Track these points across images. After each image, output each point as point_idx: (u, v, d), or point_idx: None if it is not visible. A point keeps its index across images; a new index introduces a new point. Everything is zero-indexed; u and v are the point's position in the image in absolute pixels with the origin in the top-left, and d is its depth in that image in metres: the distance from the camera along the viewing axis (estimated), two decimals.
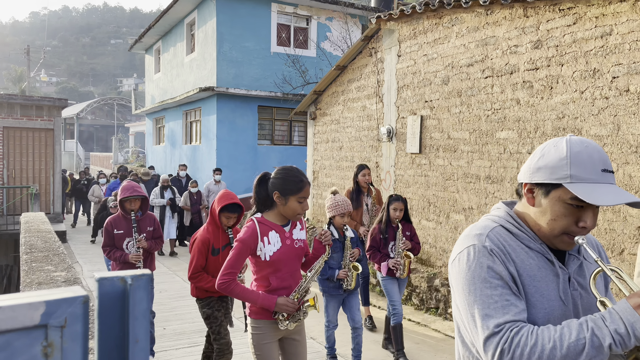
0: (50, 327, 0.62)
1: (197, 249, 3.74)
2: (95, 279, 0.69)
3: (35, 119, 13.25)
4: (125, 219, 4.60)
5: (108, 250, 4.60)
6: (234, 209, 3.77)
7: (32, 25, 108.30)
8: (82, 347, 0.64)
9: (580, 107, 4.77)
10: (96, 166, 33.26)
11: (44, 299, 0.61)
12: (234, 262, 2.69)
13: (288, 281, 2.80)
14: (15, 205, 12.74)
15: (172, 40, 17.24)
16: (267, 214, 2.78)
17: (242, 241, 2.68)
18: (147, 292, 0.72)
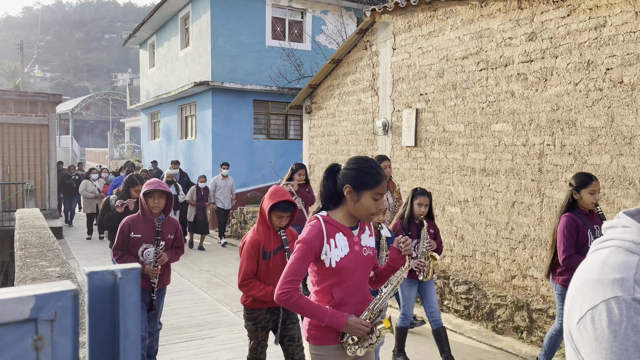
0: (40, 321, 0.62)
1: (247, 252, 3.35)
2: (85, 273, 0.70)
3: (30, 114, 13.19)
4: (145, 221, 3.98)
5: (119, 255, 3.96)
6: (287, 207, 3.34)
7: (26, 20, 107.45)
8: (73, 340, 0.65)
9: (575, 99, 4.78)
10: (92, 162, 33.15)
11: (33, 293, 0.62)
12: (297, 267, 2.24)
13: (354, 296, 2.36)
14: (11, 201, 12.70)
15: (166, 34, 17.15)
16: (333, 212, 2.37)
17: (306, 242, 2.26)
18: (137, 285, 0.72)
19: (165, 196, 3.99)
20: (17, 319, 0.61)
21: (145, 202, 3.93)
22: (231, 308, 6.38)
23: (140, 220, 4.02)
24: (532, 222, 5.28)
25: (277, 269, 3.30)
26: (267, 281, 3.36)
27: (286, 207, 3.35)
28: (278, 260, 3.38)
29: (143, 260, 3.99)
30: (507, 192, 5.58)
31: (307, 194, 7.02)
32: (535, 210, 5.25)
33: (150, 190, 3.90)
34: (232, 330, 5.56)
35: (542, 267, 5.19)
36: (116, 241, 3.99)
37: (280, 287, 2.24)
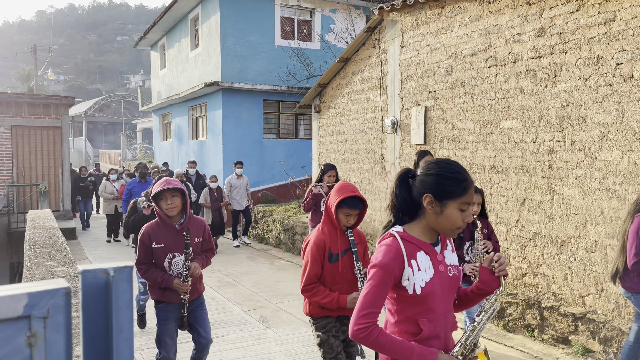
0: (34, 318, 0.64)
1: (311, 254, 3.03)
2: (78, 272, 0.71)
3: (43, 117, 13.37)
4: (165, 227, 3.49)
5: (144, 269, 3.48)
6: (355, 203, 3.04)
7: (39, 23, 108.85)
8: (66, 337, 0.66)
9: (584, 94, 4.74)
10: (105, 163, 33.50)
11: (26, 291, 0.63)
12: (374, 296, 1.86)
13: (442, 325, 1.98)
14: (25, 203, 12.89)
15: (176, 36, 17.27)
16: (410, 227, 1.98)
17: (383, 266, 1.87)
18: (130, 283, 0.74)
19: (178, 194, 3.48)
20: (11, 316, 0.62)
21: (158, 207, 3.45)
22: (242, 307, 6.42)
23: (159, 228, 3.50)
24: (542, 219, 5.24)
25: (345, 273, 3.09)
26: (333, 287, 3.06)
27: (355, 203, 3.04)
28: (346, 263, 3.09)
29: (172, 272, 3.49)
30: (517, 189, 5.54)
31: None
32: (545, 207, 5.21)
33: (159, 192, 3.39)
34: (242, 329, 5.59)
35: (552, 264, 5.15)
36: (138, 254, 3.52)
37: (356, 321, 1.85)
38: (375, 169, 8.21)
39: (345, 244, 3.11)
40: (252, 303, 6.60)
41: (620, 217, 4.47)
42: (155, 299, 3.62)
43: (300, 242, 9.66)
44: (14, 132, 13.12)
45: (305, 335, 5.36)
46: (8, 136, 13.02)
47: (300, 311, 6.19)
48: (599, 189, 4.66)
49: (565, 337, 4.86)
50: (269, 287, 7.36)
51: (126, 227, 5.27)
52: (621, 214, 4.45)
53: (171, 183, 3.44)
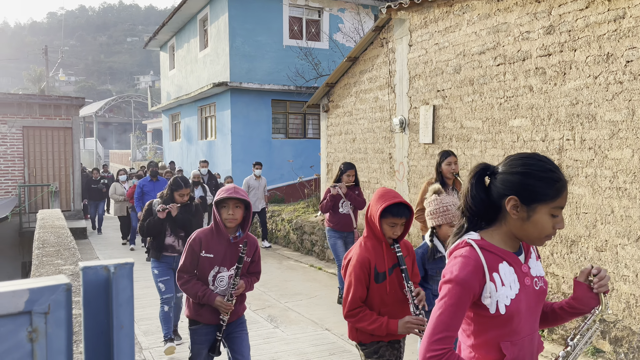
0: (35, 314, 0.65)
1: (354, 275, 2.67)
2: (79, 268, 0.72)
3: (54, 118, 13.50)
4: (218, 237, 3.15)
5: (185, 279, 3.15)
6: (401, 211, 2.66)
7: (50, 25, 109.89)
8: (66, 332, 0.67)
9: (594, 92, 4.69)
10: (115, 163, 33.75)
11: (27, 287, 0.64)
12: (450, 317, 1.57)
13: (527, 349, 1.69)
14: (37, 203, 13.02)
15: (185, 36, 17.36)
16: (488, 233, 1.69)
17: (460, 282, 1.58)
18: (131, 280, 0.74)
19: (242, 206, 3.14)
20: (12, 311, 0.63)
21: (218, 214, 3.11)
22: (250, 306, 6.43)
23: (213, 236, 3.16)
24: None
25: (394, 294, 2.73)
26: (382, 310, 2.71)
27: (400, 211, 2.66)
28: (394, 282, 2.72)
29: (214, 288, 3.15)
30: None
31: (357, 197, 6.23)
32: None
33: (224, 198, 3.07)
34: (251, 328, 5.58)
35: (562, 263, 5.11)
36: (183, 261, 3.17)
37: (428, 347, 1.56)
38: (383, 169, 8.19)
39: (392, 260, 2.73)
40: (261, 302, 6.61)
41: (630, 215, 4.42)
42: (189, 318, 3.29)
43: (309, 241, 9.67)
44: (26, 133, 13.26)
45: (314, 335, 5.37)
46: (20, 137, 13.17)
47: (309, 310, 6.20)
48: (609, 188, 4.61)
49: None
50: (277, 287, 7.37)
51: (141, 231, 4.87)
52: (632, 212, 4.41)
53: (239, 192, 3.12)
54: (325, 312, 6.18)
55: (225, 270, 3.17)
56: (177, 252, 4.89)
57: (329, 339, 5.24)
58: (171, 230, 4.84)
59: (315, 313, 6.11)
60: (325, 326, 5.63)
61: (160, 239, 4.85)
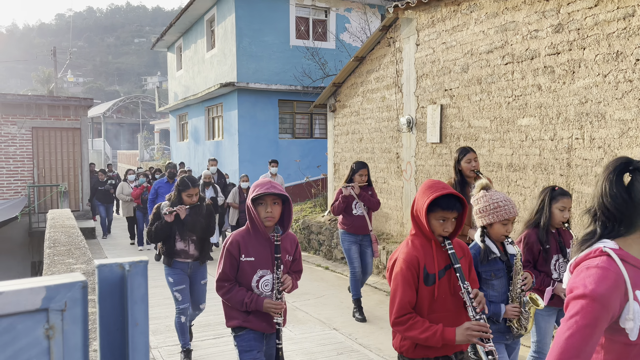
0: (51, 311, 0.65)
1: (401, 276, 2.36)
2: (95, 266, 0.73)
3: (63, 118, 13.59)
4: (257, 238, 2.88)
5: (227, 287, 2.85)
6: (451, 203, 2.36)
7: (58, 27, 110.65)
8: (82, 329, 0.68)
9: (604, 91, 4.66)
10: (123, 163, 33.92)
11: (44, 284, 0.65)
12: (583, 342, 1.32)
13: None
14: (46, 203, 13.12)
15: (192, 37, 17.42)
16: (625, 242, 1.43)
17: (597, 298, 1.33)
18: (145, 277, 0.75)
19: (280, 202, 2.87)
20: (29, 308, 0.64)
21: (255, 212, 2.83)
22: None
23: (251, 237, 2.89)
24: None
25: (443, 300, 2.40)
26: (431, 316, 2.37)
27: (450, 203, 2.35)
28: (445, 286, 2.40)
29: (259, 293, 2.87)
30: (535, 187, 5.47)
31: (371, 198, 5.89)
32: None
33: (260, 194, 2.78)
34: None
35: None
36: (222, 268, 2.86)
37: None
38: (390, 168, 8.18)
39: (443, 260, 2.41)
40: None
41: None
42: (234, 326, 2.96)
43: (316, 241, 9.68)
44: (35, 134, 13.36)
45: (321, 335, 5.37)
46: (29, 137, 13.27)
47: (317, 310, 6.20)
48: None
49: None
50: None
51: (149, 236, 4.57)
52: None
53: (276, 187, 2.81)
54: (333, 311, 6.18)
55: (269, 273, 2.88)
56: (190, 257, 4.57)
57: (336, 339, 5.24)
58: (180, 235, 4.51)
59: (323, 313, 6.11)
60: (333, 326, 5.64)
61: (170, 244, 4.52)
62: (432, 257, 2.40)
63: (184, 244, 4.53)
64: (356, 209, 5.87)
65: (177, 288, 4.55)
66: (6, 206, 11.83)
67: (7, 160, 13.11)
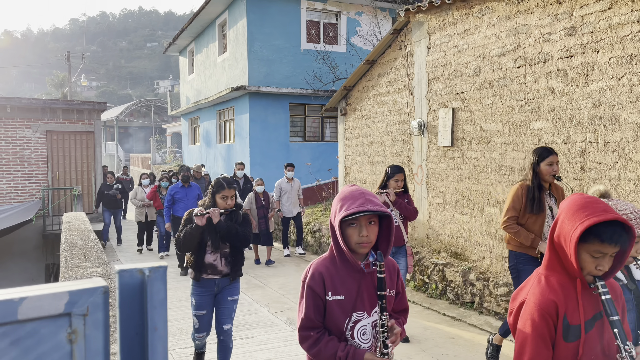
0: (74, 315, 0.67)
1: (533, 327, 1.77)
2: (115, 271, 0.74)
3: (77, 122, 13.75)
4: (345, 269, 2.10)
5: (314, 338, 2.08)
6: (616, 234, 1.67)
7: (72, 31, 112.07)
8: (104, 333, 0.69)
9: (618, 94, 4.62)
10: (136, 167, 34.20)
11: (67, 290, 0.66)
12: None
13: None
14: (60, 206, 13.27)
15: (204, 41, 17.54)
16: None
17: None
18: (164, 283, 0.76)
19: (376, 220, 2.05)
20: (53, 313, 0.65)
21: (341, 236, 2.03)
22: (269, 309, 6.46)
23: (338, 268, 2.09)
24: None
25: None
26: None
27: (616, 234, 1.66)
28: (595, 341, 1.76)
29: (356, 345, 2.07)
30: None
31: (408, 206, 5.29)
32: None
33: (353, 214, 1.97)
34: (270, 331, 5.63)
35: None
36: (304, 312, 2.09)
37: None
38: None
39: (592, 307, 1.77)
40: (279, 305, 6.64)
41: None
42: None
43: (327, 244, 9.67)
44: (49, 137, 13.53)
45: None
46: (43, 141, 13.44)
47: None
48: (633, 191, 4.53)
49: None
50: (295, 290, 7.39)
51: (178, 244, 3.95)
52: None
53: (372, 201, 1.99)
54: None
55: (366, 317, 2.09)
56: (218, 274, 3.97)
57: None
58: (212, 244, 3.91)
59: None
60: None
61: (199, 255, 3.92)
62: (575, 303, 1.76)
63: (214, 256, 3.95)
64: (401, 221, 5.29)
65: (197, 313, 4.02)
66: (21, 209, 11.99)
67: (22, 164, 13.29)
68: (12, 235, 11.44)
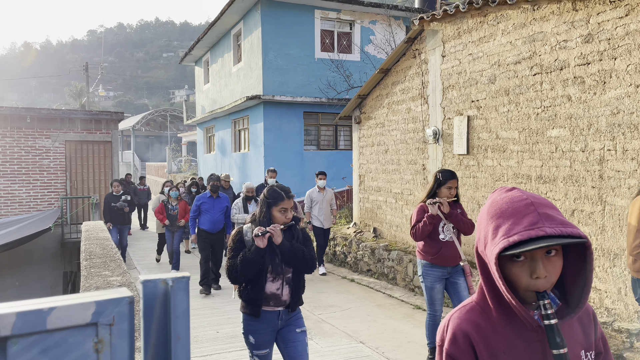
0: (100, 325, 0.68)
1: None
2: (140, 281, 0.75)
3: (95, 132, 13.96)
4: (514, 327, 1.27)
5: None
6: None
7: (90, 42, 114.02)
8: (129, 343, 0.70)
9: (636, 101, 4.56)
10: (152, 175, 34.54)
11: (94, 300, 0.68)
12: None
13: None
14: (78, 214, 13.44)
15: (219, 51, 17.72)
16: None
17: None
18: (187, 293, 0.77)
19: (560, 249, 1.21)
20: (80, 323, 0.67)
21: (501, 277, 1.20)
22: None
23: (495, 324, 1.29)
24: (593, 231, 5.05)
25: None
26: None
27: None
28: None
29: None
30: (565, 200, 5.37)
31: (463, 219, 4.60)
32: (596, 218, 5.02)
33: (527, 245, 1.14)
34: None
35: (605, 277, 4.94)
36: None
37: None
38: (416, 180, 8.13)
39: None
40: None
41: None
42: None
43: (342, 253, 9.65)
44: (68, 147, 13.75)
45: (348, 348, 5.34)
46: (62, 151, 13.66)
47: (343, 323, 6.17)
48: None
49: (619, 353, 4.65)
50: (310, 298, 7.37)
51: (231, 274, 3.19)
52: None
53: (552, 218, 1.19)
54: (360, 324, 6.14)
55: None
56: (281, 305, 3.24)
57: (363, 352, 5.21)
58: (273, 269, 3.19)
59: (350, 325, 6.08)
60: (360, 339, 5.60)
61: (258, 285, 3.19)
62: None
63: (276, 284, 3.22)
64: (444, 233, 4.56)
65: (258, 353, 3.28)
66: (40, 217, 12.18)
67: (41, 173, 13.51)
68: (31, 244, 11.61)
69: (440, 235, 4.56)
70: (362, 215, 9.88)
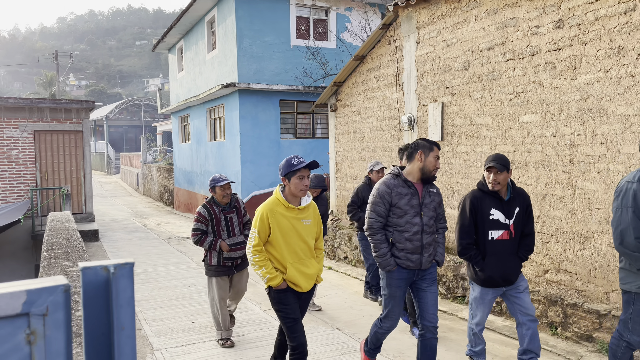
0: (33, 316, 0.63)
1: None
2: (78, 269, 0.71)
3: (65, 121, 13.61)
4: None
5: None
6: None
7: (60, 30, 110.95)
8: (66, 334, 0.66)
9: (606, 86, 4.63)
10: (126, 166, 33.97)
11: (25, 288, 0.63)
12: None
13: None
14: (49, 206, 13.13)
15: (193, 38, 17.41)
16: None
17: None
18: (131, 280, 0.73)
19: None
20: (9, 313, 0.62)
21: None
22: (261, 306, 6.43)
23: None
24: (564, 214, 5.14)
25: None
26: None
27: None
28: None
29: None
30: (537, 184, 5.44)
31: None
32: (567, 202, 5.10)
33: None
34: (262, 329, 5.60)
35: (575, 260, 5.04)
36: None
37: None
38: None
39: None
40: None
41: None
42: None
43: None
44: (37, 137, 13.38)
45: (324, 335, 5.35)
46: (31, 141, 13.29)
47: (320, 311, 6.17)
48: None
49: (589, 334, 4.76)
50: None
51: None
52: None
53: None
54: (336, 311, 6.16)
55: None
56: None
57: (339, 339, 5.22)
58: None
59: (326, 313, 6.09)
60: (336, 326, 5.61)
61: None
62: None
63: None
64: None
65: None
66: (9, 209, 11.85)
67: (9, 164, 13.13)
68: (1, 236, 11.31)
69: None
70: (339, 203, 9.88)
